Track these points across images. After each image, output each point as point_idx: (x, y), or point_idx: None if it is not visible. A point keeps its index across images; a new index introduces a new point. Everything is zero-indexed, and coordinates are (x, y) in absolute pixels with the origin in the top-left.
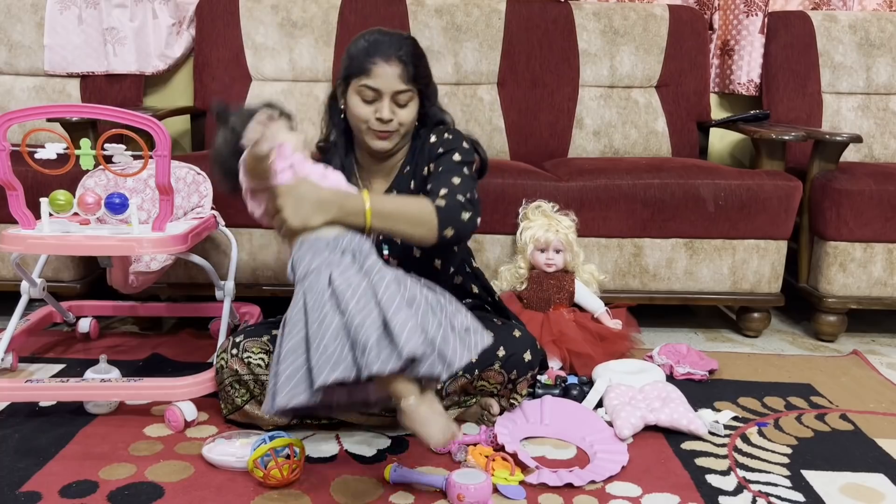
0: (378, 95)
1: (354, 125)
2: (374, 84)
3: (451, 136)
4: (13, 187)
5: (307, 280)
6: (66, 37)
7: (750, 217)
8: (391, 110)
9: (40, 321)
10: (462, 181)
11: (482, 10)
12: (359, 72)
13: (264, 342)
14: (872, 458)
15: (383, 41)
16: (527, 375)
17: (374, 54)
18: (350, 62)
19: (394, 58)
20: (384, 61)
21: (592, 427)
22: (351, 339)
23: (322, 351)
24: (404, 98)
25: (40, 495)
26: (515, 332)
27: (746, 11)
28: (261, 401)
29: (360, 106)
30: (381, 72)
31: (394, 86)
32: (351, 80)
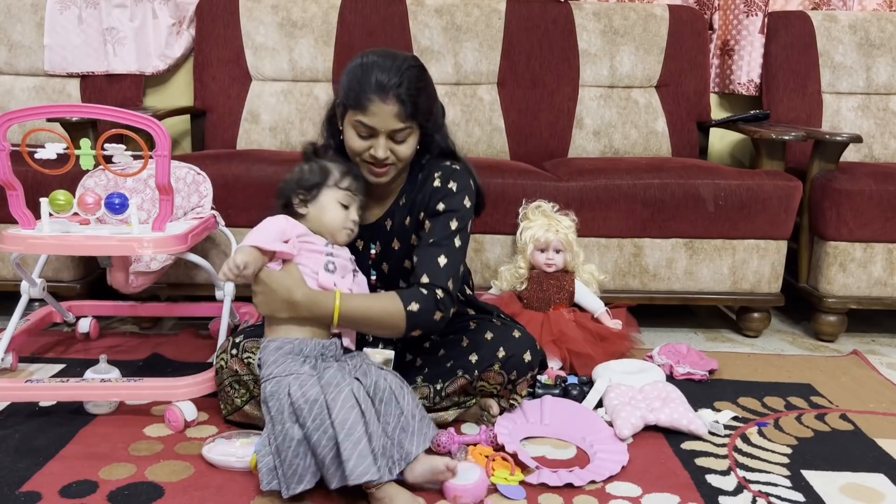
0: (373, 132)
1: (350, 156)
2: (368, 122)
3: (456, 188)
4: (13, 187)
5: (268, 385)
6: (66, 37)
7: (750, 217)
8: (387, 148)
9: (40, 321)
10: (448, 261)
11: (482, 10)
12: (354, 105)
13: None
14: (872, 458)
15: (382, 74)
16: (526, 376)
17: (370, 90)
18: (347, 91)
19: (391, 95)
20: (380, 99)
21: (592, 427)
22: (311, 451)
23: (287, 466)
24: (402, 135)
25: (40, 495)
26: (515, 332)
27: (746, 11)
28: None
29: (355, 140)
30: (376, 110)
31: (390, 125)
32: (348, 111)
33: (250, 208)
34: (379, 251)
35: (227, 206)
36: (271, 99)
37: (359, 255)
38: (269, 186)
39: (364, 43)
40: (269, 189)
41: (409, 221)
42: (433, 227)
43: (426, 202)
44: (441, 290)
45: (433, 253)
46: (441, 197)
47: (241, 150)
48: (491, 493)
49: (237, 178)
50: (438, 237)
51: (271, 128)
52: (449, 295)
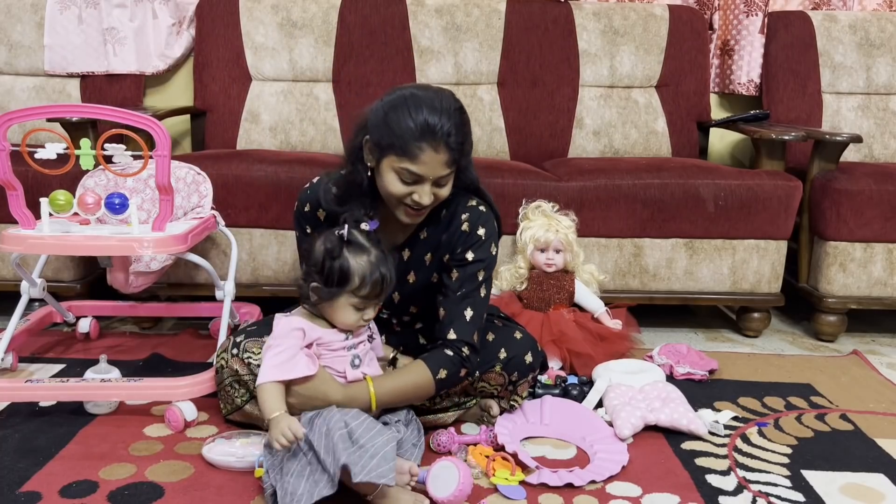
0: (419, 180)
1: (384, 196)
2: (417, 171)
3: (484, 235)
4: (13, 187)
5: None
6: (66, 37)
7: (750, 217)
8: (431, 194)
9: (40, 321)
10: (474, 314)
11: (482, 10)
12: (402, 153)
13: (265, 342)
14: (872, 458)
15: (435, 125)
16: (527, 377)
17: (424, 139)
18: (392, 137)
19: (443, 145)
20: (432, 148)
21: (592, 427)
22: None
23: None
24: (445, 180)
25: (40, 495)
26: (517, 333)
27: (746, 11)
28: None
29: (397, 185)
30: (427, 159)
31: (438, 172)
32: (388, 154)
33: (250, 208)
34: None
35: (227, 206)
36: (271, 99)
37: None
38: (269, 186)
39: (364, 43)
40: (269, 189)
41: (431, 259)
42: (460, 278)
43: (453, 245)
44: (467, 346)
45: (461, 307)
46: (470, 245)
47: (241, 150)
48: (491, 492)
49: (237, 178)
50: (467, 289)
51: (271, 128)
52: (474, 349)
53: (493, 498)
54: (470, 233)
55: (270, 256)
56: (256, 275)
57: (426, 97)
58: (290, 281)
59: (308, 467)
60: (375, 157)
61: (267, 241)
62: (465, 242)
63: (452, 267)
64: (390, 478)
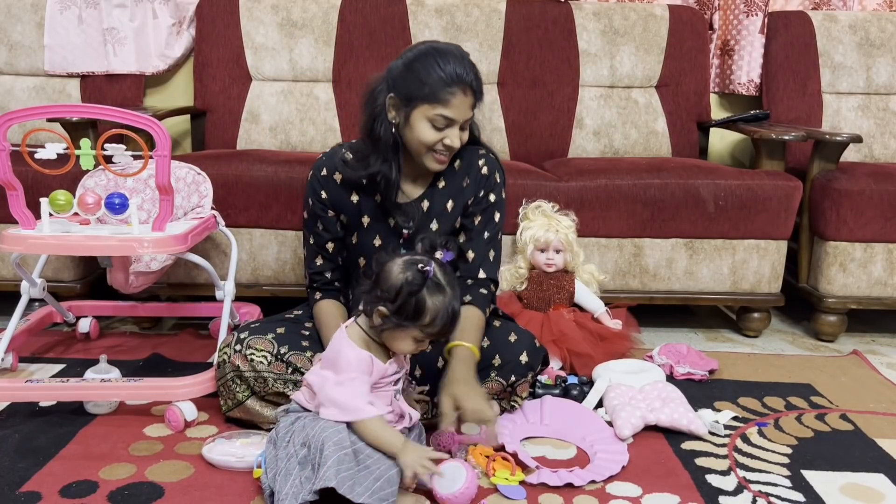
0: (451, 123)
1: (413, 146)
2: (451, 115)
3: (499, 180)
4: (13, 187)
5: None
6: (66, 37)
7: (750, 217)
8: (459, 136)
9: (40, 321)
10: (496, 254)
11: (482, 10)
12: (434, 100)
13: (269, 340)
14: (872, 458)
15: (460, 71)
16: (526, 377)
17: (455, 85)
18: (422, 87)
19: (469, 89)
20: (462, 93)
21: (592, 427)
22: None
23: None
24: (468, 123)
25: (40, 495)
26: (511, 336)
27: (746, 11)
28: (262, 396)
29: (429, 132)
30: (458, 102)
31: (466, 115)
32: (420, 104)
33: (250, 208)
34: (413, 231)
35: (227, 206)
36: (271, 99)
37: (389, 232)
38: (269, 186)
39: (364, 43)
40: (269, 189)
41: (453, 206)
42: (483, 220)
43: (477, 189)
44: (493, 283)
45: (487, 249)
46: (490, 188)
47: (241, 150)
48: (491, 492)
49: (237, 178)
50: (490, 232)
51: (271, 128)
52: (497, 285)
53: (493, 498)
54: (489, 176)
55: (270, 256)
56: (256, 275)
57: (447, 49)
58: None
59: (297, 467)
60: (403, 111)
61: (267, 241)
62: (487, 185)
63: (476, 212)
64: (391, 502)
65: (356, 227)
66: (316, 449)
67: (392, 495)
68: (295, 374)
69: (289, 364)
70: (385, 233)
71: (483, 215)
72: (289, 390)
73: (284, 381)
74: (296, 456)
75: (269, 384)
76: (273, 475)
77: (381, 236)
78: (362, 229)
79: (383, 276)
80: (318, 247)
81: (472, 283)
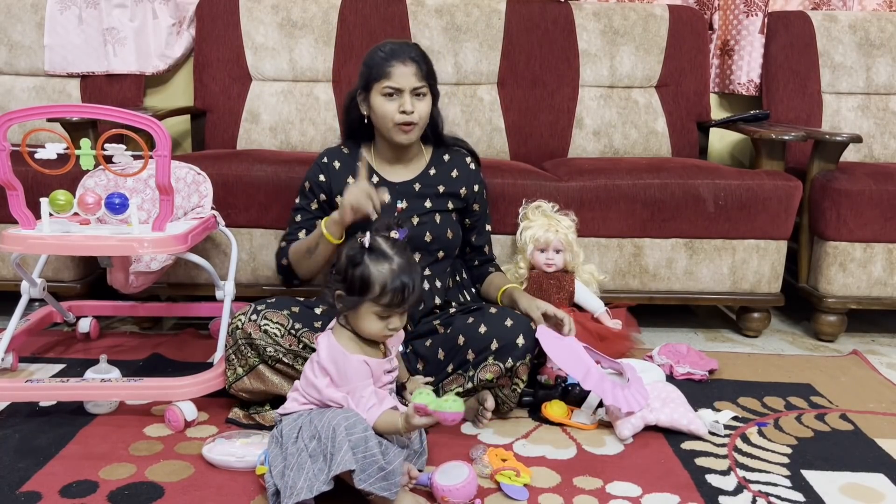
0: (399, 92)
1: (380, 124)
2: (395, 84)
3: (481, 173)
4: (13, 187)
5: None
6: (66, 37)
7: (750, 217)
8: (412, 103)
9: (40, 321)
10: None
11: (482, 10)
12: (379, 76)
13: (285, 315)
14: (872, 458)
15: (396, 48)
16: (524, 359)
17: (392, 58)
18: (370, 71)
19: (408, 59)
20: (401, 63)
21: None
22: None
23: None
24: (421, 91)
25: (40, 495)
26: (508, 320)
27: (746, 11)
28: (271, 365)
29: (385, 104)
30: (399, 72)
31: (412, 82)
32: (372, 86)
33: (250, 208)
34: (406, 207)
35: (227, 206)
36: (271, 99)
37: (382, 207)
38: (269, 186)
39: (364, 43)
40: (269, 189)
41: (444, 189)
42: (480, 209)
43: (467, 181)
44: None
45: (488, 236)
46: (478, 180)
47: (241, 150)
48: (494, 492)
49: (237, 178)
50: (489, 222)
51: (271, 128)
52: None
53: (495, 497)
54: (475, 170)
55: (270, 256)
56: (256, 275)
57: (387, 41)
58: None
59: (308, 461)
60: (367, 100)
61: (267, 241)
62: (476, 178)
63: (474, 202)
64: (393, 492)
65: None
66: (328, 437)
67: (395, 486)
68: (305, 349)
69: (300, 340)
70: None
71: (480, 204)
72: (299, 364)
73: (294, 356)
74: (306, 450)
75: (280, 355)
76: (280, 472)
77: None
78: None
79: (336, 261)
80: (305, 221)
81: (487, 262)
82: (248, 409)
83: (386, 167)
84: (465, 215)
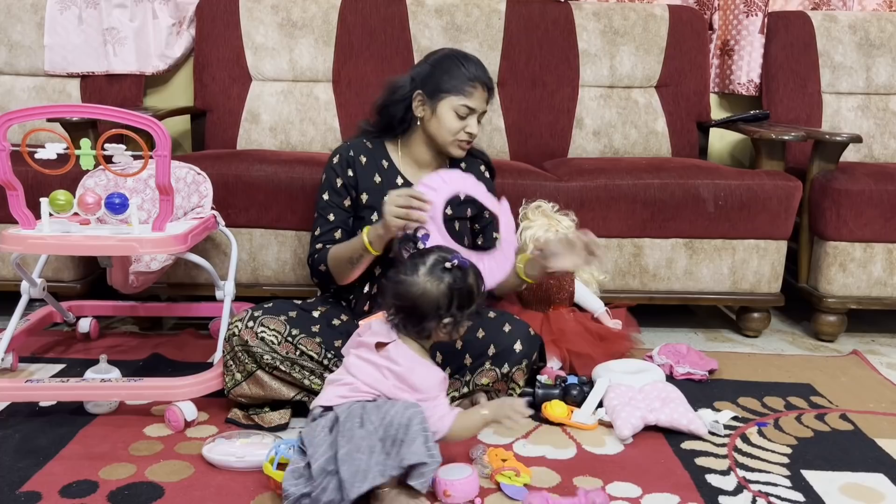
0: (471, 113)
1: (439, 135)
2: (473, 105)
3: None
4: (13, 187)
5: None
6: (66, 37)
7: (750, 217)
8: (476, 126)
9: (40, 321)
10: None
11: (482, 10)
12: (459, 92)
13: (282, 321)
14: (872, 458)
15: (480, 71)
16: (521, 365)
17: (476, 80)
18: (448, 81)
19: (486, 85)
20: (482, 88)
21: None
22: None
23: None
24: (483, 116)
25: (40, 495)
26: (506, 326)
27: (746, 11)
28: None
29: (454, 121)
30: (479, 95)
31: (483, 107)
32: (444, 97)
33: (250, 208)
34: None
35: (227, 206)
36: (271, 99)
37: None
38: (269, 186)
39: (364, 43)
40: (269, 189)
41: (463, 197)
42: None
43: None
44: None
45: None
46: (492, 188)
47: (241, 150)
48: (493, 492)
49: (237, 178)
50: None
51: (271, 128)
52: None
53: (494, 497)
54: (489, 179)
55: (270, 256)
56: (256, 275)
57: (464, 54)
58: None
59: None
60: (430, 105)
61: (267, 241)
62: (489, 186)
63: (491, 220)
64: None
65: (376, 204)
66: (400, 426)
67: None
68: (302, 357)
69: (297, 346)
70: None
71: (490, 213)
72: (296, 372)
73: (292, 363)
74: (376, 434)
75: (277, 362)
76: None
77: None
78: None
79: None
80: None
81: None
82: (247, 411)
83: (412, 168)
84: (476, 221)
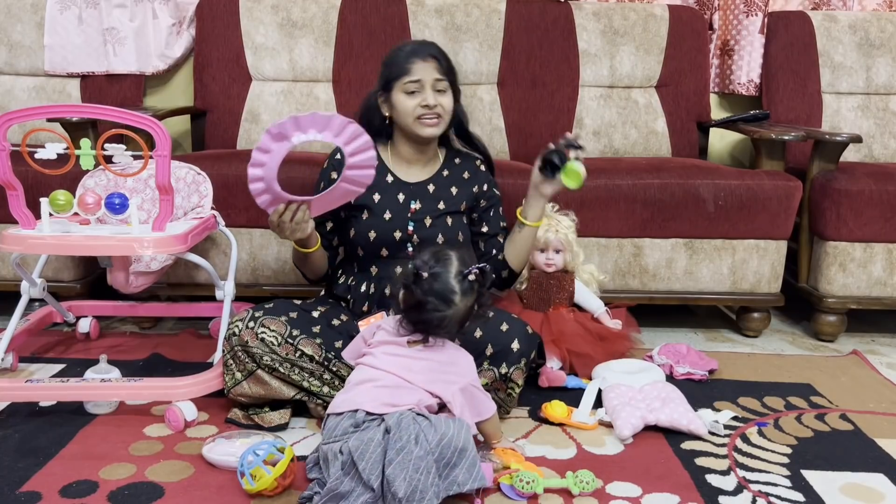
0: (420, 87)
1: (403, 121)
2: (416, 77)
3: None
4: (13, 187)
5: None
6: (66, 37)
7: (750, 217)
8: (434, 96)
9: (40, 321)
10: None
11: (482, 10)
12: (399, 73)
13: (282, 322)
14: (872, 458)
15: (415, 46)
16: (519, 364)
17: (412, 56)
18: (390, 69)
19: (428, 55)
20: (420, 59)
21: None
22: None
23: None
24: (442, 86)
25: (40, 495)
26: (504, 325)
27: (746, 11)
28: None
29: (407, 100)
30: (419, 68)
31: (432, 76)
32: (393, 84)
33: (250, 208)
34: (420, 207)
35: (227, 206)
36: (271, 99)
37: (397, 207)
38: None
39: (364, 43)
40: None
41: (456, 192)
42: (490, 202)
43: (479, 181)
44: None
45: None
46: (489, 179)
47: (241, 150)
48: (493, 492)
49: (237, 178)
50: (503, 220)
51: None
52: None
53: (494, 497)
54: (486, 171)
55: (270, 256)
56: (256, 275)
57: (406, 41)
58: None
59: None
60: (389, 100)
61: (267, 241)
62: (486, 178)
63: (490, 206)
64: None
65: (367, 202)
66: (456, 450)
67: None
68: (302, 358)
69: (297, 348)
70: (395, 208)
71: (487, 202)
72: (295, 374)
73: (291, 365)
74: (432, 454)
75: (276, 364)
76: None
77: (392, 211)
78: (374, 204)
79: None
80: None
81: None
82: (247, 411)
83: (402, 167)
84: (473, 211)
